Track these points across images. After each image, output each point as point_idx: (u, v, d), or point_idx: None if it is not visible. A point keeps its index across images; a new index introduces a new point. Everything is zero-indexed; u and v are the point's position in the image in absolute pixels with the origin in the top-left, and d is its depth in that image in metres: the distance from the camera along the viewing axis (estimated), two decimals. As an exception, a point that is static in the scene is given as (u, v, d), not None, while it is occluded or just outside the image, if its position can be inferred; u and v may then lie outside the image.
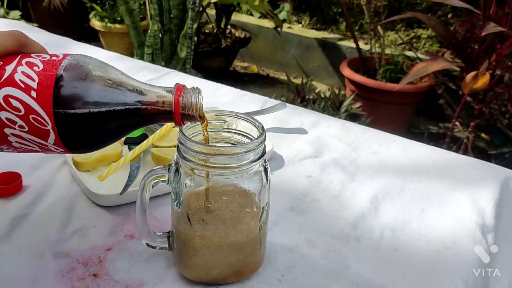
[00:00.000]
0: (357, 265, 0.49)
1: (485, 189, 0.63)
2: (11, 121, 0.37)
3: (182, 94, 0.40)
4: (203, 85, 0.91)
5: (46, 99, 0.37)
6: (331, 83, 2.72)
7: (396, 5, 2.57)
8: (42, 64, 0.38)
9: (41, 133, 0.38)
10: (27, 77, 0.37)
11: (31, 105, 0.37)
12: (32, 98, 0.37)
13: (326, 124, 0.79)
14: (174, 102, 0.39)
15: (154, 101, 0.39)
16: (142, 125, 0.41)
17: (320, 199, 0.60)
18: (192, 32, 1.91)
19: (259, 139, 0.42)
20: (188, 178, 0.42)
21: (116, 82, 0.39)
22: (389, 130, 0.79)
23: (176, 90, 0.40)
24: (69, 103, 0.37)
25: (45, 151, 0.41)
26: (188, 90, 0.40)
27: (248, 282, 0.46)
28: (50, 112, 0.37)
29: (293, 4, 3.00)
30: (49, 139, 0.38)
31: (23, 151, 0.41)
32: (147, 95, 0.39)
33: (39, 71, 0.38)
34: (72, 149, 0.40)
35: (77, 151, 0.42)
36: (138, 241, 0.50)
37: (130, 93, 0.39)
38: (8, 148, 0.40)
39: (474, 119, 1.71)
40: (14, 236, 0.50)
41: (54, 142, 0.38)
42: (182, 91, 0.40)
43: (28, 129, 0.37)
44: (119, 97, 0.38)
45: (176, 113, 0.39)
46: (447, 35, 1.70)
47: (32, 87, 0.37)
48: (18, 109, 0.37)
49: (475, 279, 0.49)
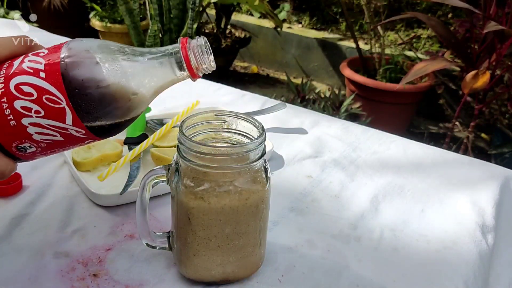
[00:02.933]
0: (357, 265, 0.49)
1: (485, 189, 0.63)
2: (26, 108, 0.37)
3: (188, 42, 0.41)
4: (203, 85, 0.92)
5: (55, 75, 0.37)
6: (331, 83, 2.72)
7: (396, 5, 2.57)
8: (47, 50, 0.39)
9: (57, 113, 0.38)
10: (34, 63, 0.38)
11: (41, 85, 0.37)
12: (41, 79, 0.37)
13: (326, 124, 0.79)
14: (181, 46, 0.40)
15: (162, 51, 0.40)
16: (158, 83, 0.41)
17: (320, 199, 0.60)
18: (192, 32, 1.91)
19: (259, 139, 0.42)
20: (188, 178, 0.42)
21: (121, 49, 0.40)
22: (389, 130, 0.79)
23: (180, 41, 0.41)
24: (78, 74, 0.37)
25: (69, 142, 0.40)
26: (192, 40, 0.41)
27: (248, 282, 0.46)
28: (61, 87, 0.37)
29: (293, 4, 3.00)
30: (67, 119, 0.38)
31: (46, 147, 0.40)
32: (154, 51, 0.40)
33: (44, 55, 0.39)
34: (93, 127, 0.39)
35: (100, 131, 0.40)
36: (138, 241, 0.50)
37: (137, 50, 0.40)
38: (31, 145, 0.39)
39: (474, 119, 1.71)
40: (14, 236, 0.50)
41: (72, 122, 0.38)
42: (186, 41, 0.41)
43: (44, 112, 0.38)
44: (126, 57, 0.39)
45: (185, 58, 0.40)
46: (447, 35, 1.70)
47: (40, 69, 0.37)
48: (31, 93, 0.37)
49: (475, 279, 0.49)
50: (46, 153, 0.41)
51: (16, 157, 0.41)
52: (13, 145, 0.39)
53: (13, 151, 0.40)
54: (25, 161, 0.43)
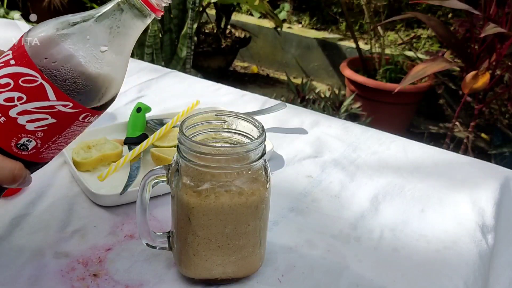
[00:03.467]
0: (357, 265, 0.49)
1: (485, 189, 0.63)
2: (9, 99, 0.38)
3: None
4: (203, 85, 0.92)
5: (23, 56, 0.38)
6: (331, 83, 2.72)
7: (396, 5, 2.57)
8: (12, 46, 0.41)
9: (38, 92, 0.38)
10: (3, 57, 0.39)
11: (15, 71, 0.38)
12: (12, 66, 0.38)
13: (326, 124, 0.79)
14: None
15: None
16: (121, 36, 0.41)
17: (320, 199, 0.60)
18: (192, 32, 1.91)
19: (259, 139, 0.42)
20: (188, 178, 0.42)
21: (75, 15, 0.41)
22: (389, 130, 0.79)
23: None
24: (42, 45, 0.38)
25: (64, 123, 0.40)
26: None
27: (248, 282, 0.46)
28: (31, 65, 0.38)
29: (293, 4, 3.00)
30: (49, 95, 0.38)
31: (44, 137, 0.40)
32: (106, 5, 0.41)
33: (10, 48, 0.40)
34: (78, 95, 0.39)
35: (87, 98, 0.40)
36: (138, 241, 0.50)
37: (90, 11, 0.41)
38: (29, 138, 0.39)
39: (474, 119, 1.71)
40: (14, 236, 0.50)
41: (56, 96, 0.38)
42: None
43: (27, 96, 0.38)
44: (81, 18, 0.40)
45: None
46: (447, 35, 1.70)
47: (9, 58, 0.39)
48: (8, 83, 0.38)
49: (475, 279, 0.49)
50: (49, 146, 0.41)
51: (24, 160, 0.40)
52: (12, 145, 0.39)
53: (15, 153, 0.40)
54: (35, 164, 0.42)
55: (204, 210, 0.42)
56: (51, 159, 0.44)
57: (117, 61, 0.41)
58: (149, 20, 0.41)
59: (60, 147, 0.43)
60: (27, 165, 0.41)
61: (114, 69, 0.41)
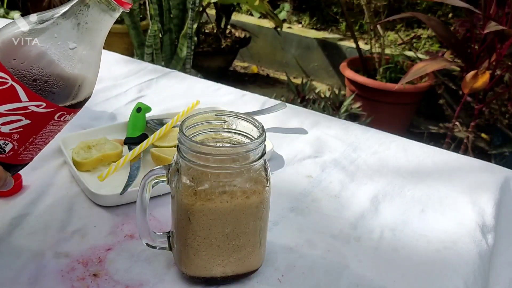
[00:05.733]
0: (357, 265, 0.49)
1: (485, 189, 0.63)
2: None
3: None
4: (203, 85, 0.92)
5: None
6: (331, 83, 2.72)
7: (396, 5, 2.57)
8: None
9: (9, 93, 0.37)
10: None
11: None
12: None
13: (326, 124, 0.79)
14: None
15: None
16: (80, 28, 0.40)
17: (320, 199, 0.60)
18: (192, 32, 1.91)
19: (259, 139, 0.42)
20: (188, 178, 0.42)
21: (39, 14, 0.40)
22: (389, 130, 0.79)
23: None
24: (8, 46, 0.38)
25: (39, 123, 0.39)
26: None
27: (248, 282, 0.46)
28: (0, 66, 0.37)
29: (293, 4, 3.00)
30: (21, 96, 0.38)
31: (20, 138, 0.39)
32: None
33: None
34: (50, 94, 0.38)
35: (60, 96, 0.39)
36: (138, 241, 0.50)
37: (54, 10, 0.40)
38: (5, 141, 0.39)
39: (474, 119, 1.71)
40: (14, 236, 0.50)
41: (28, 97, 0.38)
42: None
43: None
44: (45, 17, 0.39)
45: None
46: (447, 35, 1.70)
47: None
48: None
49: (475, 279, 0.49)
50: (26, 147, 0.41)
51: (2, 163, 0.40)
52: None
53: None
54: (15, 166, 0.42)
55: (204, 210, 0.42)
56: (31, 160, 0.44)
57: (88, 58, 0.40)
58: (118, 14, 0.41)
59: (39, 148, 0.42)
60: (7, 167, 0.40)
61: (86, 66, 0.40)
